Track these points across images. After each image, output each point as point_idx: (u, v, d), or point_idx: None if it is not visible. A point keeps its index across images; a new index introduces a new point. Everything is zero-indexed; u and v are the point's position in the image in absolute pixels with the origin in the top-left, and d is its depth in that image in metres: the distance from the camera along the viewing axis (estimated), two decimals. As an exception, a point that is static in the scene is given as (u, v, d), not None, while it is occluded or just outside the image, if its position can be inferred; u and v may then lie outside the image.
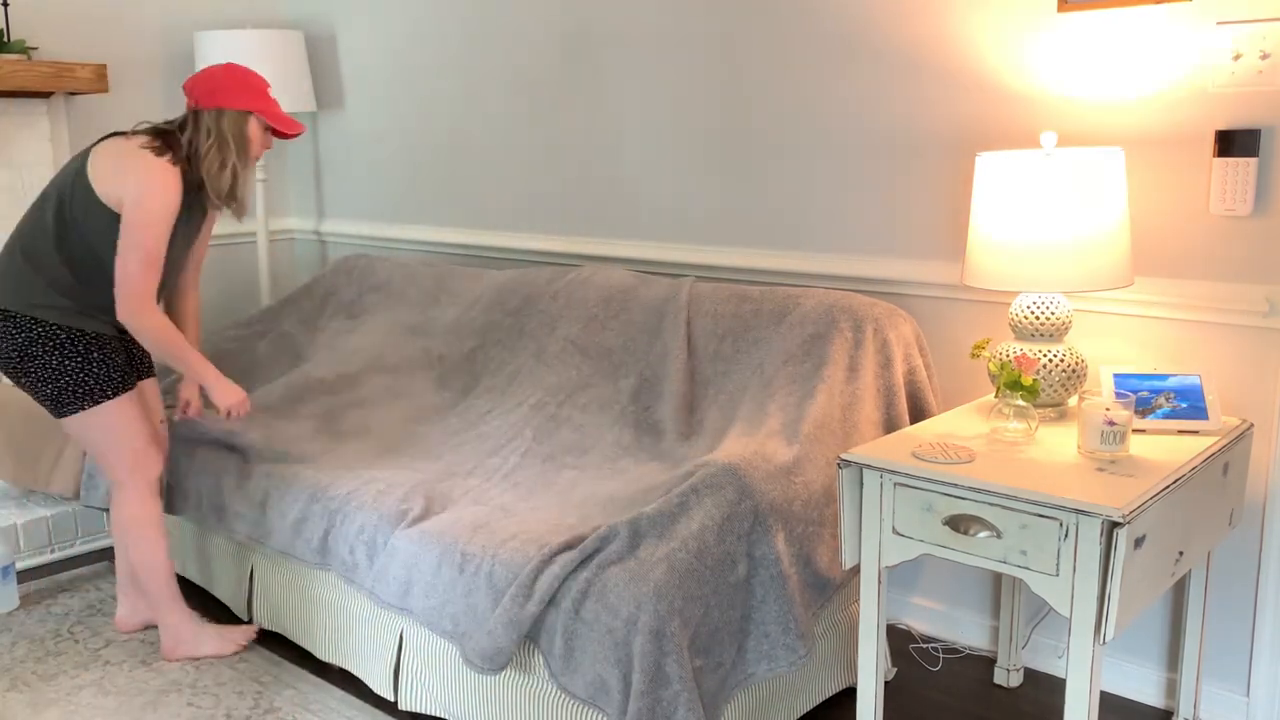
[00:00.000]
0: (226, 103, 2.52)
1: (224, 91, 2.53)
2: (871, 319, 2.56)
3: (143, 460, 2.65)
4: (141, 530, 2.68)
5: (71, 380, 2.54)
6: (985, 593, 2.74)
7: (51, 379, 2.54)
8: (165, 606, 2.73)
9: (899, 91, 2.68)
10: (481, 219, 3.74)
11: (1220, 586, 2.37)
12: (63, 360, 2.53)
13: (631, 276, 3.05)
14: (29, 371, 2.54)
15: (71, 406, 2.55)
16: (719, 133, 3.04)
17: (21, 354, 2.53)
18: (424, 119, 3.85)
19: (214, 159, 2.52)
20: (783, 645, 2.11)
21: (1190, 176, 2.29)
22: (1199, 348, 2.33)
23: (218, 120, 2.52)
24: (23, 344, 2.52)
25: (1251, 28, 2.15)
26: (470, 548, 2.23)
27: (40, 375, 2.54)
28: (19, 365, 2.54)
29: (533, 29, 3.44)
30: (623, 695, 1.96)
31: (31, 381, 2.55)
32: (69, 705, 2.54)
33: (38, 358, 2.53)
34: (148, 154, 2.46)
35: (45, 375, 2.54)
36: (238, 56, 3.73)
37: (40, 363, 2.53)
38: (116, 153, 2.48)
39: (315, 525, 2.55)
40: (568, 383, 2.88)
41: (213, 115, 2.52)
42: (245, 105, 2.55)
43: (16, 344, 2.52)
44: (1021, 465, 1.94)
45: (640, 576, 1.99)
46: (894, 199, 2.74)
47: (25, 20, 3.64)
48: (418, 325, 3.36)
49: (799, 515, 2.21)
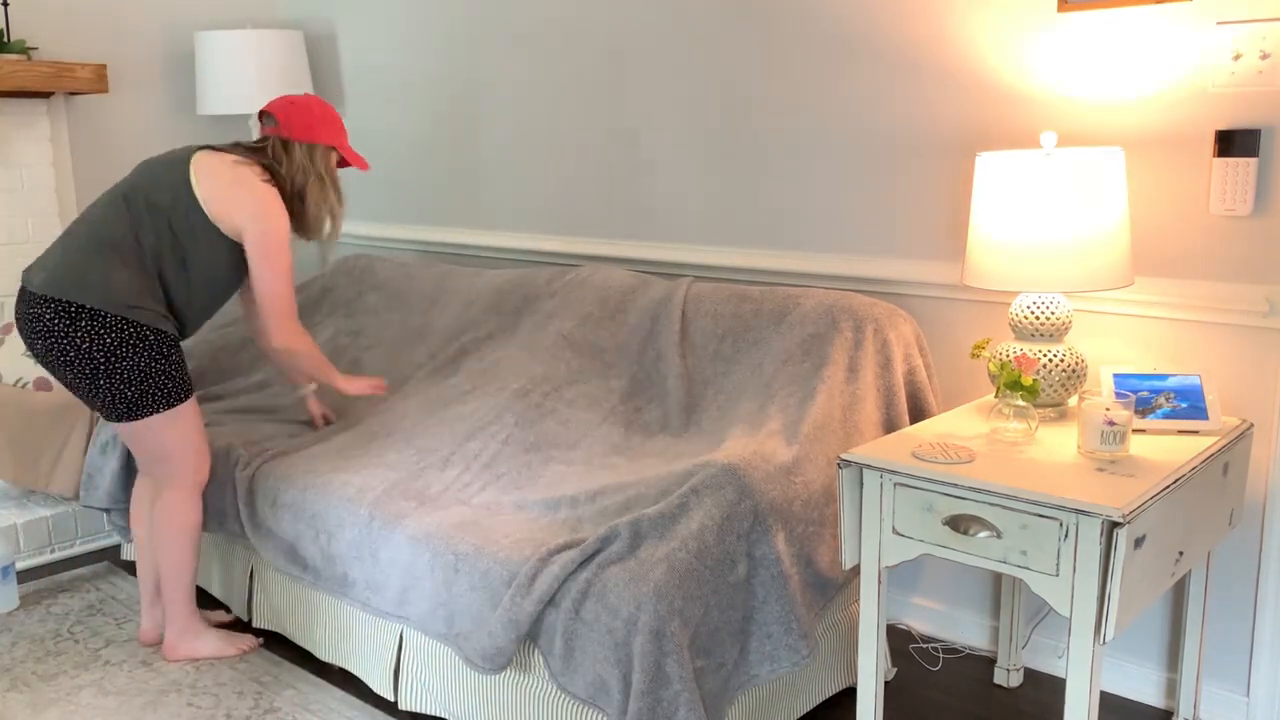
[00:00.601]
0: (319, 138, 2.60)
1: (318, 126, 2.60)
2: (871, 319, 2.55)
3: (202, 465, 2.66)
4: (189, 534, 2.67)
5: (155, 383, 2.51)
6: (985, 593, 2.74)
7: (138, 380, 2.49)
8: (182, 609, 2.72)
9: (899, 91, 2.68)
10: (482, 219, 3.74)
11: (1220, 586, 2.37)
12: (150, 362, 2.50)
13: (630, 277, 3.05)
14: (115, 373, 2.47)
15: (149, 409, 2.52)
16: (719, 133, 3.04)
17: (109, 355, 2.46)
18: (424, 119, 3.85)
19: (318, 198, 2.62)
20: (785, 646, 2.11)
21: (1190, 176, 2.29)
22: (1199, 348, 2.33)
23: (311, 155, 2.60)
24: (111, 344, 2.46)
25: (1251, 28, 2.15)
26: (462, 548, 2.23)
27: (126, 376, 2.48)
28: (105, 366, 2.46)
29: (533, 29, 3.44)
30: (623, 695, 1.96)
31: (113, 383, 2.47)
32: (69, 705, 2.54)
33: (126, 359, 2.47)
34: (261, 183, 2.53)
35: (131, 377, 2.48)
36: (238, 56, 3.73)
37: (129, 364, 2.47)
38: (231, 179, 2.52)
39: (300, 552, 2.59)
40: (555, 375, 2.87)
41: (305, 150, 2.59)
42: (331, 140, 2.62)
43: (104, 345, 2.45)
44: (1021, 465, 1.94)
45: (640, 576, 1.99)
46: (894, 199, 2.74)
47: (25, 20, 3.64)
48: (418, 328, 3.36)
49: (799, 515, 2.21)
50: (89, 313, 2.45)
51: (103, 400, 2.51)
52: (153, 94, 3.99)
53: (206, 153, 2.57)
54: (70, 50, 3.75)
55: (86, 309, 2.44)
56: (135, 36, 3.92)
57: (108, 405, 2.51)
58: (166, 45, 4.00)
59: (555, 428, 2.73)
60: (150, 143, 4.00)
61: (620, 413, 2.77)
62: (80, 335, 2.44)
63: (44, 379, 3.44)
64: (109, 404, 2.51)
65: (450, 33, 3.69)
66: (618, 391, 2.82)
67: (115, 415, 2.53)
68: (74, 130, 3.79)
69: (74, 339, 2.44)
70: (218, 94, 3.78)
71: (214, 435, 2.89)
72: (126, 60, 3.91)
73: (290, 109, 2.61)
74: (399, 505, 2.43)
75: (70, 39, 3.75)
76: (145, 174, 2.58)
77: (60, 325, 2.44)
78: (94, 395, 2.51)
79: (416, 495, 2.48)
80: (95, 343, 2.45)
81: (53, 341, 2.45)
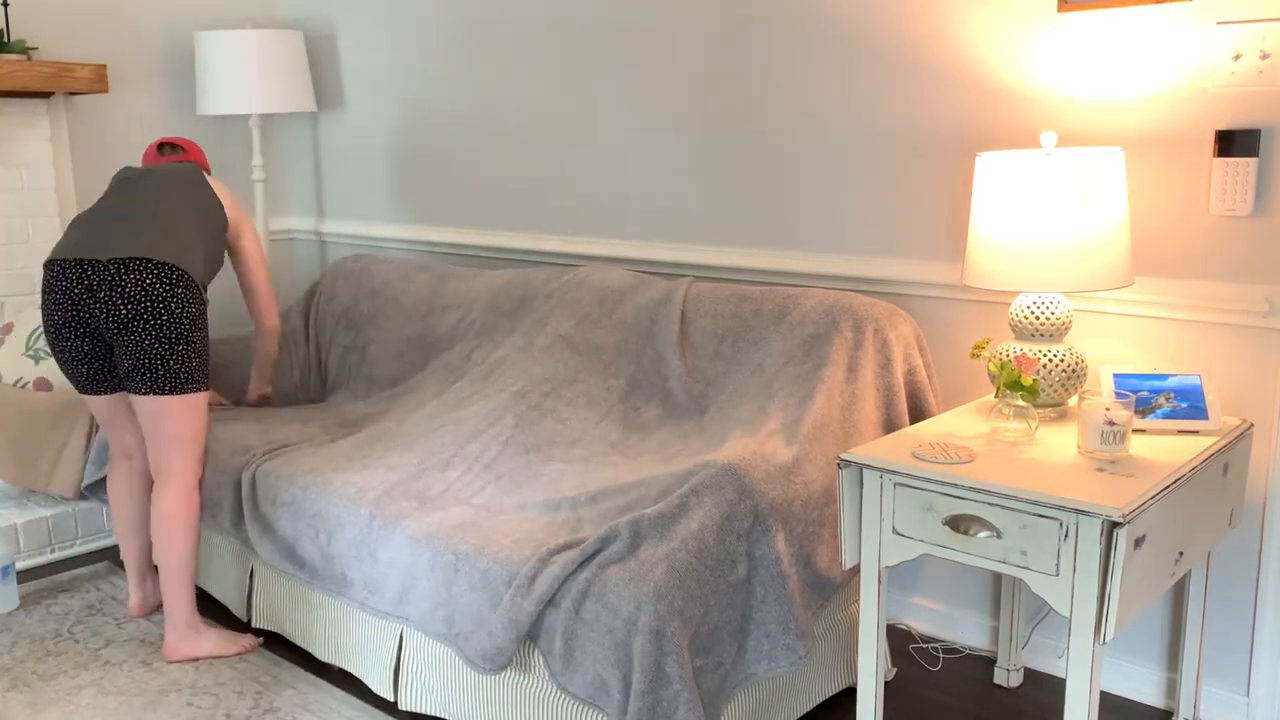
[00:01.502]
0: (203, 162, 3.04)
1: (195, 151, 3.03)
2: (871, 319, 2.55)
3: (203, 456, 2.78)
4: (195, 529, 2.74)
5: (207, 359, 2.70)
6: (985, 593, 2.74)
7: (201, 352, 2.66)
8: (179, 604, 2.73)
9: (899, 91, 2.68)
10: (482, 219, 3.74)
11: (1220, 586, 2.37)
12: (206, 339, 2.70)
13: (630, 277, 3.05)
14: (193, 341, 2.63)
15: (196, 384, 2.66)
16: (720, 133, 3.04)
17: (193, 323, 2.63)
18: (424, 119, 3.85)
19: None
20: (783, 645, 2.11)
21: (1190, 176, 2.29)
22: (1199, 348, 2.33)
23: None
24: (196, 314, 2.65)
25: (1251, 28, 2.15)
26: (462, 548, 2.23)
27: (197, 347, 2.65)
28: (189, 332, 2.62)
29: (532, 30, 3.44)
30: (623, 695, 1.96)
31: (187, 349, 2.61)
32: (69, 705, 2.54)
33: (201, 330, 2.66)
34: None
35: (200, 348, 2.66)
36: (238, 56, 3.73)
37: (201, 335, 2.66)
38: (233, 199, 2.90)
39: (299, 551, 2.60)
40: (554, 375, 2.87)
41: None
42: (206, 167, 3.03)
43: (192, 313, 2.64)
44: (1021, 465, 1.94)
45: (640, 576, 1.99)
46: (894, 199, 2.74)
47: (25, 20, 3.64)
48: (418, 335, 3.36)
49: (799, 515, 2.21)
50: (186, 280, 2.63)
51: (169, 368, 2.61)
52: (153, 94, 3.99)
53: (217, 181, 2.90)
54: (70, 50, 3.75)
55: (185, 276, 2.63)
56: (135, 36, 3.92)
57: (171, 374, 2.61)
58: (166, 45, 4.00)
59: (554, 427, 2.73)
60: (150, 143, 4.00)
61: (619, 411, 2.77)
62: (176, 301, 2.60)
63: (44, 379, 3.44)
64: (173, 373, 2.62)
65: (450, 33, 3.69)
66: (616, 391, 2.82)
67: (171, 386, 2.62)
68: (74, 130, 3.79)
69: (169, 303, 2.59)
70: (218, 94, 3.78)
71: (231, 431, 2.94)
72: (126, 60, 3.91)
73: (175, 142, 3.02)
74: (399, 505, 2.44)
75: (70, 39, 3.75)
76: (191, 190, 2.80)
77: (160, 289, 2.58)
78: (164, 361, 2.60)
79: (417, 495, 2.48)
80: (186, 309, 2.62)
81: (147, 305, 2.57)
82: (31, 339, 3.45)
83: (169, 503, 2.68)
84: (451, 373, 3.12)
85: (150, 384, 2.60)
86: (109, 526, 3.51)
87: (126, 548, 2.91)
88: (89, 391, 2.73)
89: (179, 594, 2.72)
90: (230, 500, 2.78)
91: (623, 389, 2.82)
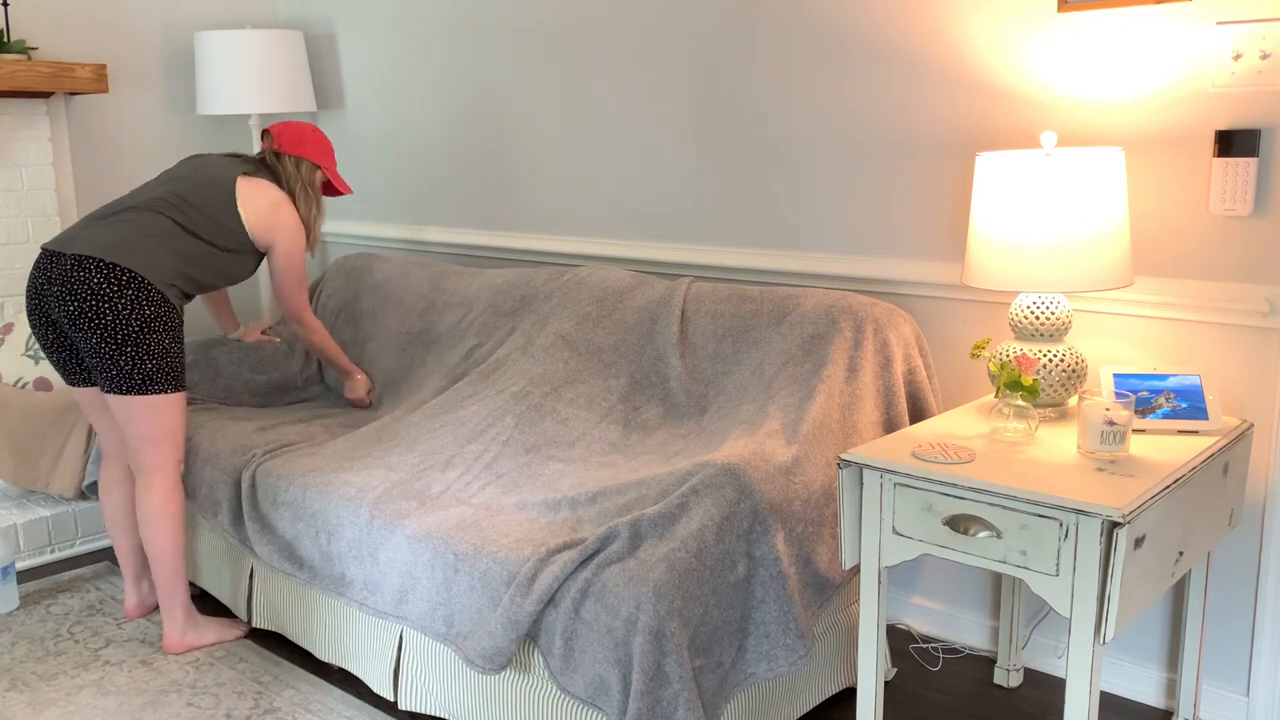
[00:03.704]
0: (306, 154, 2.93)
1: (307, 145, 2.94)
2: (871, 319, 2.55)
3: (183, 452, 2.76)
4: (174, 519, 2.74)
5: (171, 362, 2.64)
6: (985, 593, 2.74)
7: (159, 355, 2.62)
8: (175, 597, 2.76)
9: (899, 91, 2.68)
10: (482, 219, 3.74)
11: (1220, 586, 2.37)
12: (172, 342, 2.65)
13: (630, 277, 3.05)
14: (142, 344, 2.59)
15: (159, 386, 2.63)
16: (720, 133, 3.04)
17: (145, 325, 2.59)
18: (424, 119, 3.86)
19: (303, 208, 2.93)
20: (783, 645, 2.11)
21: (1190, 176, 2.29)
22: (1199, 348, 2.33)
23: (298, 166, 2.92)
24: (149, 317, 2.60)
25: (1251, 28, 2.15)
26: (461, 548, 2.23)
27: (150, 350, 2.60)
28: (137, 334, 2.58)
29: (532, 29, 3.44)
30: (622, 695, 1.96)
31: (136, 353, 2.58)
32: (69, 705, 2.54)
33: (157, 333, 2.61)
34: (289, 206, 2.88)
35: (156, 351, 2.61)
36: (238, 56, 3.73)
37: (156, 338, 2.61)
38: (272, 204, 2.84)
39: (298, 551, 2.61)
40: (554, 375, 2.87)
41: (294, 161, 2.92)
42: (317, 160, 2.96)
43: (144, 315, 2.59)
44: (1021, 465, 1.94)
45: (639, 576, 1.99)
46: (894, 199, 2.74)
47: (25, 20, 3.64)
48: (418, 331, 3.36)
49: (798, 515, 2.21)
50: (138, 283, 2.58)
51: (119, 369, 2.59)
52: (153, 94, 3.99)
53: (244, 179, 2.83)
54: (70, 50, 3.75)
55: (137, 278, 2.58)
56: (135, 36, 3.92)
57: (124, 375, 2.59)
58: (166, 45, 4.00)
59: (554, 427, 2.74)
60: (150, 143, 4.00)
61: (619, 411, 2.77)
62: (124, 301, 2.56)
63: (44, 379, 3.44)
64: (126, 374, 2.59)
65: (450, 33, 3.69)
66: (617, 391, 2.82)
67: (128, 386, 2.60)
68: (74, 130, 3.79)
69: (115, 303, 2.56)
70: (218, 94, 3.78)
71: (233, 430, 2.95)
72: (126, 60, 3.91)
73: (285, 128, 2.95)
74: (399, 505, 2.44)
75: (70, 39, 3.75)
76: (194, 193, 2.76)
77: (107, 289, 2.55)
78: (114, 362, 2.58)
79: (417, 495, 2.48)
80: (135, 311, 2.58)
81: (93, 303, 2.55)
82: (31, 339, 3.45)
83: (149, 500, 2.71)
84: (452, 372, 3.12)
85: (110, 383, 2.61)
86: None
87: (118, 546, 2.93)
88: (69, 383, 2.77)
89: (172, 587, 2.74)
90: (229, 499, 2.78)
91: (623, 389, 2.82)
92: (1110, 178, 2.12)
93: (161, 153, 4.03)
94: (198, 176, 2.79)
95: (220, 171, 2.81)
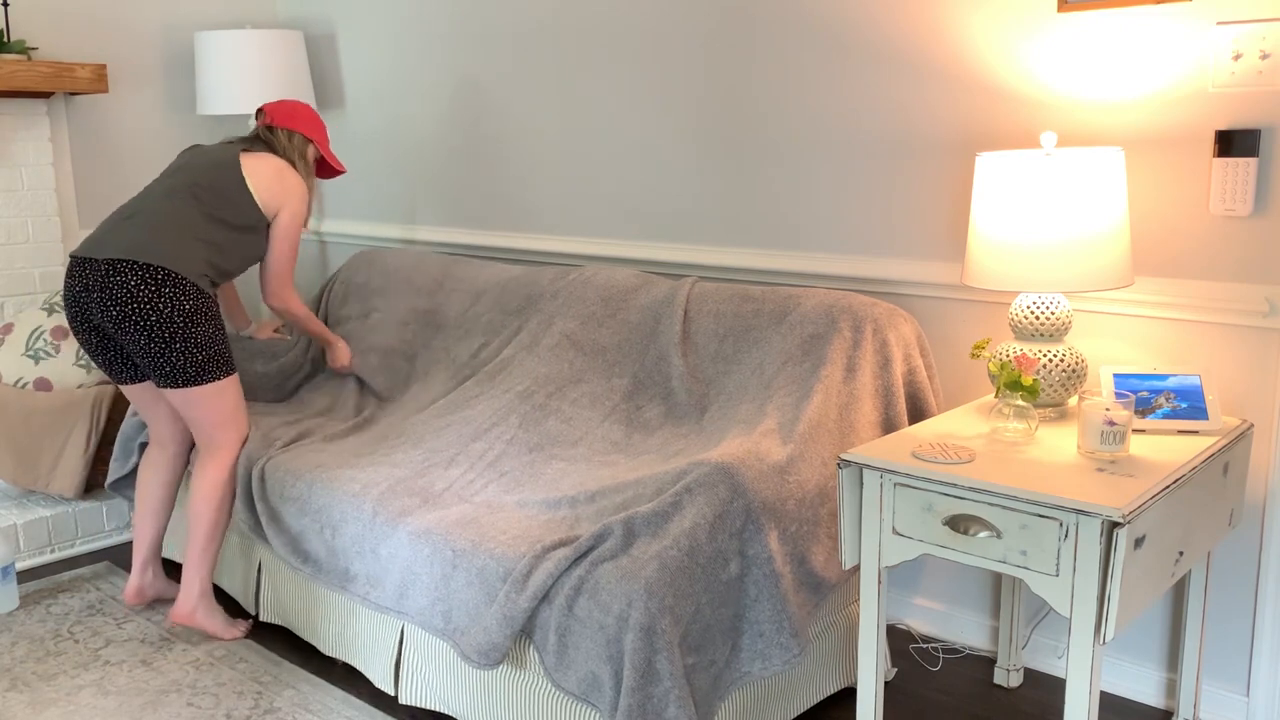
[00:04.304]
0: (298, 128, 2.97)
1: (298, 119, 2.97)
2: (871, 319, 2.55)
3: (248, 427, 2.84)
4: (227, 497, 2.79)
5: (220, 350, 2.69)
6: (985, 593, 2.74)
7: (207, 345, 2.66)
8: (199, 571, 2.79)
9: (899, 91, 2.68)
10: (482, 219, 3.74)
11: (1220, 586, 2.37)
12: (216, 330, 2.70)
13: (634, 277, 3.05)
14: (190, 338, 2.62)
15: (213, 374, 2.68)
16: (720, 134, 3.04)
17: (188, 320, 2.62)
18: (424, 119, 3.86)
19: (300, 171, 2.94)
20: (777, 644, 2.12)
21: (1190, 176, 2.29)
22: (1199, 348, 2.33)
23: (290, 139, 2.95)
24: (190, 311, 2.63)
25: (1251, 28, 2.15)
26: (459, 544, 2.24)
27: (198, 341, 2.64)
28: (183, 330, 2.61)
29: (532, 29, 3.44)
30: (614, 691, 1.97)
31: (186, 347, 2.62)
32: (69, 705, 2.54)
33: (200, 324, 2.65)
34: (294, 173, 2.90)
35: (203, 342, 2.65)
36: (238, 56, 3.73)
37: (201, 330, 2.65)
38: (276, 171, 2.86)
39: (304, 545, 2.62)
40: (558, 375, 2.88)
41: (286, 134, 2.95)
42: (308, 133, 3.00)
43: (185, 310, 2.62)
44: (1021, 465, 1.94)
45: (632, 574, 1.99)
46: (894, 199, 2.74)
47: (25, 20, 3.64)
48: (427, 310, 3.37)
49: (792, 514, 2.21)
50: (174, 279, 2.62)
51: (173, 365, 2.63)
52: (153, 94, 3.99)
53: (246, 155, 2.86)
54: (70, 50, 3.75)
55: (173, 275, 2.62)
56: (135, 36, 3.92)
57: (179, 370, 2.64)
58: (166, 45, 4.01)
59: (558, 426, 2.75)
60: (150, 143, 4.00)
61: (622, 411, 2.78)
62: (164, 300, 2.60)
63: (44, 379, 3.44)
64: (180, 369, 2.64)
65: (450, 33, 3.69)
66: (620, 390, 2.82)
67: (184, 379, 2.65)
68: (74, 130, 3.79)
69: (158, 304, 2.60)
70: (218, 94, 3.78)
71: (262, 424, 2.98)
72: (126, 60, 3.91)
73: (278, 105, 2.99)
74: (402, 502, 2.45)
75: (70, 39, 3.75)
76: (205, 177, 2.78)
77: (146, 290, 2.59)
78: (166, 359, 2.62)
79: (420, 492, 2.49)
80: (176, 308, 2.61)
81: (134, 306, 2.59)
82: (31, 339, 3.45)
83: (211, 473, 2.76)
84: (460, 372, 3.14)
85: (164, 378, 2.66)
86: (109, 526, 3.51)
87: (140, 531, 2.95)
88: (117, 381, 2.81)
89: (200, 563, 2.79)
90: (242, 490, 2.80)
91: (626, 388, 2.82)
92: (1110, 178, 2.12)
93: (161, 153, 4.03)
94: (202, 162, 2.82)
95: (221, 153, 2.84)
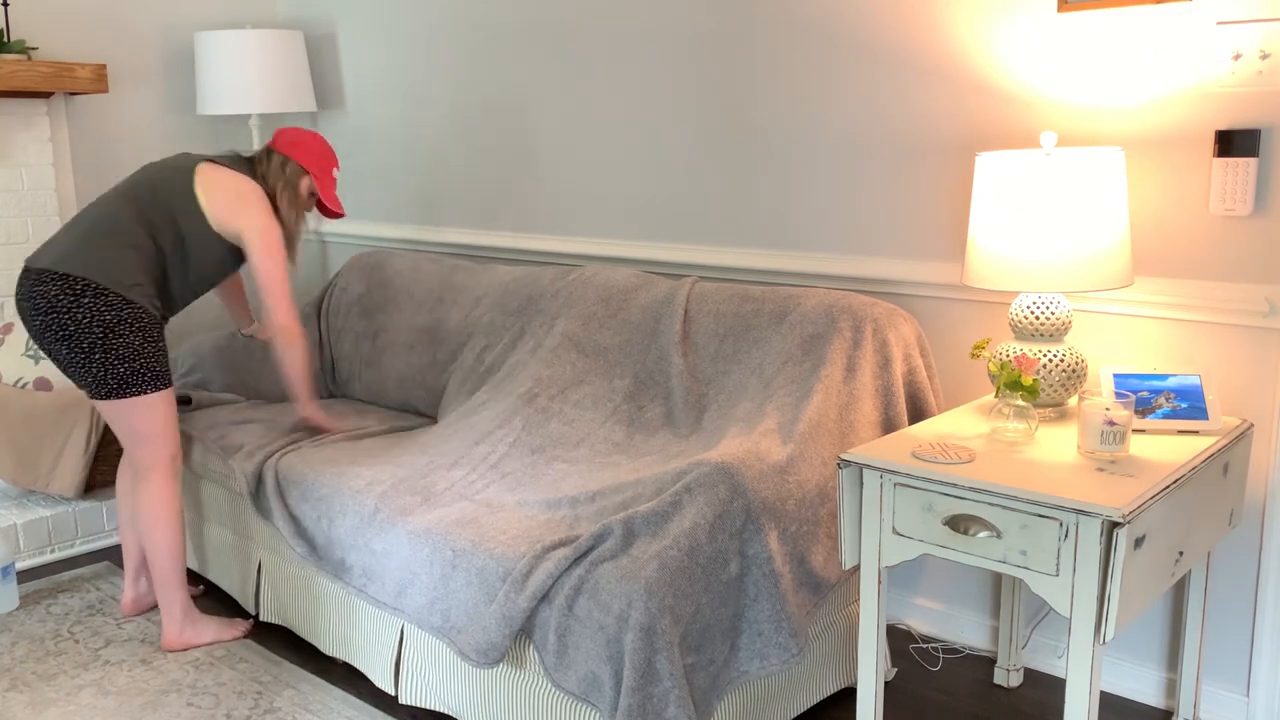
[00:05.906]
0: (296, 157, 2.86)
1: (301, 149, 2.87)
2: (871, 319, 2.55)
3: (177, 448, 2.76)
4: (171, 516, 2.75)
5: (146, 363, 2.64)
6: (985, 593, 2.74)
7: (130, 358, 2.62)
8: (174, 594, 2.77)
9: (899, 92, 2.68)
10: (483, 219, 3.74)
11: (1220, 586, 2.37)
12: (144, 342, 2.64)
13: (634, 277, 3.05)
14: (110, 349, 2.59)
15: (137, 388, 2.64)
16: (721, 134, 3.04)
17: (107, 330, 2.59)
18: (424, 119, 3.85)
19: (285, 205, 2.84)
20: (775, 644, 2.12)
21: (1190, 176, 2.29)
22: (1199, 348, 2.33)
23: (284, 166, 2.85)
24: (111, 321, 2.59)
25: (1251, 28, 2.15)
26: (459, 543, 2.24)
27: (120, 353, 2.60)
28: (101, 341, 2.58)
29: (532, 29, 3.44)
30: (614, 691, 1.97)
31: (106, 359, 2.59)
32: (69, 705, 2.54)
33: (123, 336, 2.61)
34: (258, 194, 2.77)
35: (125, 354, 2.61)
36: (238, 56, 3.73)
37: (124, 341, 2.61)
38: (235, 192, 2.74)
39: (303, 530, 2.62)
40: (561, 377, 2.88)
41: (281, 160, 2.85)
42: (306, 165, 2.87)
43: (104, 321, 2.59)
44: (1021, 465, 1.94)
45: (632, 574, 2.00)
46: (894, 199, 2.74)
47: (25, 20, 3.64)
48: (427, 326, 3.37)
49: (792, 514, 2.21)
50: (94, 289, 2.58)
51: (94, 376, 2.61)
52: (153, 94, 3.99)
53: (208, 165, 2.77)
54: (70, 50, 3.75)
55: (91, 285, 2.58)
56: (135, 36, 3.92)
57: (99, 381, 2.61)
58: (166, 45, 4.01)
59: (560, 428, 2.75)
60: (150, 143, 4.00)
61: (623, 411, 2.78)
62: (82, 310, 2.57)
63: (44, 379, 3.44)
64: (100, 380, 2.61)
65: (450, 33, 3.69)
66: (621, 391, 2.82)
67: (105, 392, 2.62)
68: (74, 130, 3.79)
69: (75, 314, 2.57)
70: (218, 94, 3.78)
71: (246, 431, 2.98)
72: (126, 60, 3.91)
73: (288, 130, 2.92)
74: (404, 500, 2.45)
75: (70, 39, 3.75)
76: (150, 178, 2.74)
77: (64, 300, 2.57)
78: (86, 370, 2.61)
79: (422, 491, 2.50)
80: (95, 318, 2.58)
81: (54, 316, 2.57)
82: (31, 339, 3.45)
83: (145, 498, 2.73)
84: (467, 379, 3.14)
85: (88, 389, 2.65)
86: (109, 526, 3.51)
87: (124, 543, 2.96)
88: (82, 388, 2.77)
89: (170, 584, 2.76)
90: (253, 474, 2.79)
91: (627, 389, 2.82)
92: (1110, 178, 2.12)
93: (161, 153, 4.03)
94: (156, 169, 2.77)
95: (180, 161, 2.78)
